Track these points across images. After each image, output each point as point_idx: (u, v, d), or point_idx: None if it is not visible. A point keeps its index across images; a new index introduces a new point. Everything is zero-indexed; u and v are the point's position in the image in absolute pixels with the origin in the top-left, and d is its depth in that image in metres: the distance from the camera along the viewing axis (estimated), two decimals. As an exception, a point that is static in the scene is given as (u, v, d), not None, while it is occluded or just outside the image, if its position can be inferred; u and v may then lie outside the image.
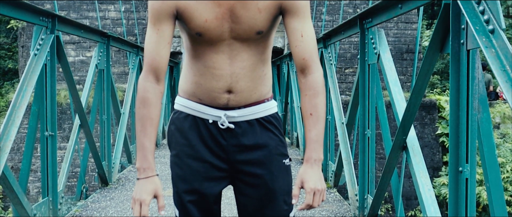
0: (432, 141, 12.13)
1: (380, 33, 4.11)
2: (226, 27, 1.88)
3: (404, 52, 11.85)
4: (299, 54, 1.94)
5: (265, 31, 1.93)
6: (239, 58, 1.93)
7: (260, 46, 1.96)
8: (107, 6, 11.55)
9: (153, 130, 1.91)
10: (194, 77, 1.98)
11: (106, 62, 6.08)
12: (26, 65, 3.86)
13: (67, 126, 11.39)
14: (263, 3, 1.88)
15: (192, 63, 1.99)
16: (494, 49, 2.15)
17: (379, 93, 4.24)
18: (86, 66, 11.55)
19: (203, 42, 1.92)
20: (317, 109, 1.93)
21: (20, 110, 3.63)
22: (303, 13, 1.94)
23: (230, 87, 1.95)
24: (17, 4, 3.60)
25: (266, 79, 2.04)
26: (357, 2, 11.82)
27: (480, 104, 2.53)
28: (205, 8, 1.86)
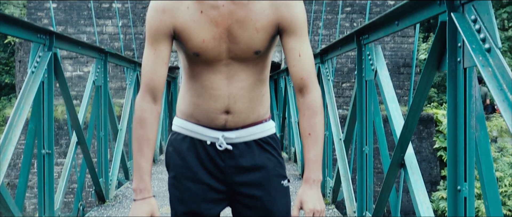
0: (430, 155, 12.12)
1: (377, 49, 4.11)
2: (223, 47, 1.88)
3: (401, 66, 11.87)
4: (297, 73, 1.93)
5: (263, 51, 1.93)
6: (236, 79, 1.93)
7: (258, 66, 1.96)
8: (104, 21, 11.58)
9: (149, 150, 1.91)
10: (192, 98, 1.98)
11: (104, 79, 6.08)
12: (24, 83, 3.86)
13: (64, 142, 11.37)
14: (260, 23, 1.87)
15: (190, 83, 1.98)
16: (490, 68, 2.15)
17: (377, 109, 4.24)
18: (84, 81, 11.55)
19: (200, 62, 1.92)
20: (315, 129, 1.93)
21: (17, 128, 3.62)
22: (301, 33, 1.94)
23: (228, 108, 1.94)
24: (14, 22, 3.60)
25: (264, 100, 2.03)
26: (353, 16, 11.87)
27: (477, 122, 2.53)
28: (203, 28, 1.86)
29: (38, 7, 11.53)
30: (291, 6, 1.91)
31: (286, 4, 1.90)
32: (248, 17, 1.86)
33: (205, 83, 1.93)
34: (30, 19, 11.49)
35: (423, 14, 2.95)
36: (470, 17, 2.35)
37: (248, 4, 1.86)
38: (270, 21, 1.88)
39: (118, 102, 11.32)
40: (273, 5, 1.88)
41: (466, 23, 2.36)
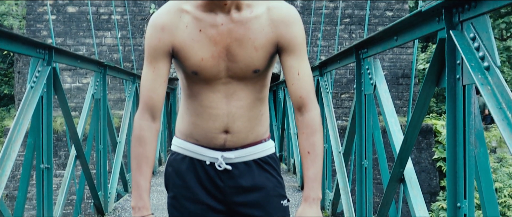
0: (429, 165, 12.12)
1: (376, 63, 4.12)
2: (222, 65, 1.88)
3: (400, 77, 11.89)
4: (296, 92, 1.93)
5: (262, 70, 1.93)
6: (235, 98, 1.92)
7: (257, 85, 1.96)
8: (103, 33, 11.60)
9: (148, 168, 1.91)
10: (191, 117, 1.98)
11: (103, 92, 6.08)
12: (23, 98, 3.86)
13: (63, 153, 11.35)
14: (259, 42, 1.87)
15: (189, 103, 1.98)
16: (489, 86, 2.15)
17: (376, 123, 4.24)
18: (83, 92, 11.55)
19: (199, 81, 1.92)
20: (314, 148, 1.92)
21: (16, 143, 3.62)
22: (300, 51, 1.93)
23: (227, 127, 1.94)
24: (13, 38, 3.61)
25: (263, 119, 2.03)
26: (352, 27, 11.89)
27: (477, 139, 2.53)
28: (201, 47, 1.86)
29: (37, 19, 11.54)
30: (290, 25, 1.91)
31: (285, 22, 1.90)
32: (246, 36, 1.86)
33: (204, 103, 1.93)
34: (29, 31, 11.51)
35: (422, 30, 2.96)
36: (468, 35, 2.36)
37: (247, 22, 1.86)
38: (269, 40, 1.88)
39: (117, 114, 11.31)
40: (272, 24, 1.88)
41: (465, 41, 2.36)
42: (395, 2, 11.90)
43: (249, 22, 1.87)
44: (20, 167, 10.87)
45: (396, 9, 11.89)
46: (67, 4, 11.54)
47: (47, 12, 7.67)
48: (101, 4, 11.57)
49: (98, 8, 11.56)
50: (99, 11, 11.58)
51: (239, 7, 1.86)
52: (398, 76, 11.90)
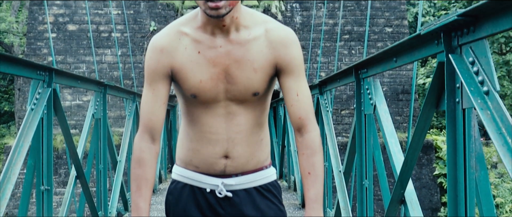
0: (430, 181, 12.09)
1: (376, 83, 4.12)
2: (221, 87, 1.88)
3: (400, 93, 11.90)
4: (295, 113, 1.94)
5: (261, 93, 1.93)
6: (235, 122, 1.92)
7: (256, 110, 1.96)
8: (104, 50, 11.63)
9: (148, 190, 1.91)
10: (191, 143, 1.97)
11: (103, 111, 6.08)
12: (23, 120, 3.86)
13: (63, 171, 11.34)
14: (258, 63, 1.88)
15: (189, 128, 1.98)
16: (489, 111, 2.15)
17: (376, 143, 4.24)
18: (83, 110, 11.56)
19: (198, 105, 1.92)
20: (315, 168, 1.92)
21: (16, 166, 3.62)
22: (298, 72, 1.94)
23: (226, 152, 1.93)
24: (14, 61, 3.61)
25: (264, 145, 2.03)
26: (352, 44, 11.92)
27: (477, 163, 2.52)
28: (200, 69, 1.87)
29: (38, 37, 11.58)
30: (288, 46, 1.92)
31: (283, 44, 1.91)
32: (245, 58, 1.87)
33: (203, 128, 1.93)
34: (29, 49, 11.53)
35: (421, 52, 2.97)
36: (468, 59, 2.36)
37: (245, 44, 1.87)
38: (267, 61, 1.89)
39: (118, 131, 11.31)
40: (270, 46, 1.89)
41: (464, 65, 2.37)
42: (394, 18, 11.94)
43: (248, 44, 1.88)
44: (20, 185, 10.85)
45: (395, 25, 11.93)
46: (68, 22, 11.58)
47: (47, 30, 7.71)
48: (101, 22, 11.61)
49: (98, 26, 11.60)
50: (99, 29, 11.62)
51: (238, 28, 1.88)
52: (398, 92, 11.91)
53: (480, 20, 2.21)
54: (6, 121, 22.62)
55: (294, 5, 11.88)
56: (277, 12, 11.70)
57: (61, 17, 11.60)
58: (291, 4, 11.87)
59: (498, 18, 2.07)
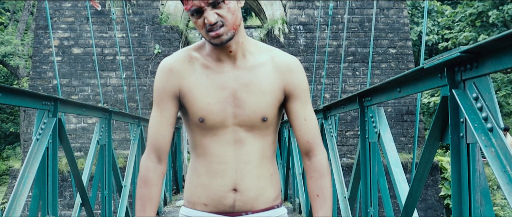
0: (436, 202, 12.04)
1: (380, 112, 4.13)
2: (229, 111, 1.88)
3: (404, 114, 11.90)
4: (303, 137, 1.97)
5: (270, 119, 1.93)
6: (244, 151, 1.91)
7: (265, 140, 1.95)
8: (108, 73, 11.68)
9: (152, 210, 1.92)
10: (199, 178, 1.94)
11: (108, 137, 6.10)
12: (28, 151, 3.88)
13: (67, 194, 11.34)
14: (266, 87, 1.91)
15: (197, 163, 1.96)
16: (493, 148, 2.15)
17: (381, 170, 4.23)
18: (88, 133, 11.58)
19: (206, 132, 1.91)
20: (323, 191, 1.95)
21: (22, 197, 3.62)
22: (305, 98, 1.98)
23: (235, 185, 1.91)
24: (19, 93, 3.64)
25: (274, 181, 2.00)
26: (356, 65, 11.94)
27: (482, 197, 2.52)
28: (208, 92, 1.89)
29: (43, 60, 11.64)
30: (295, 72, 1.96)
31: (290, 69, 1.96)
32: (253, 81, 1.90)
33: (212, 158, 1.91)
34: (35, 72, 11.59)
35: (425, 85, 2.97)
36: (471, 94, 2.37)
37: (252, 69, 1.91)
38: (275, 86, 1.92)
39: (122, 154, 11.32)
40: (276, 71, 1.94)
41: (467, 101, 2.37)
42: (398, 39, 11.97)
43: (255, 68, 1.92)
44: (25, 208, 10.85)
45: (399, 46, 11.96)
46: (73, 46, 11.65)
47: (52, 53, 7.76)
48: (106, 45, 11.68)
49: (103, 49, 11.67)
50: (104, 52, 11.68)
51: (244, 54, 1.92)
52: (402, 113, 11.91)
53: (483, 57, 2.22)
54: (12, 142, 22.69)
55: (297, 27, 11.93)
56: (280, 35, 11.75)
57: (66, 40, 11.67)
58: (295, 26, 11.91)
59: (501, 56, 2.08)
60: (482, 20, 15.78)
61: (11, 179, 11.69)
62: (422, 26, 18.26)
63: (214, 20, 1.79)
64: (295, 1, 12.02)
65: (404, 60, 11.95)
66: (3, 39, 16.85)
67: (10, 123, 21.75)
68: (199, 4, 1.80)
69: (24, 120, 14.18)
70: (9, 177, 12.00)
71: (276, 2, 12.26)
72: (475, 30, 15.88)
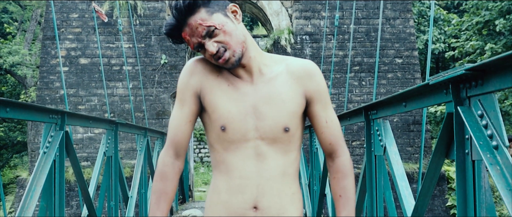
0: (443, 212, 11.99)
1: (386, 125, 4.13)
2: (250, 123, 1.88)
3: (411, 124, 11.88)
4: (326, 140, 1.99)
5: (292, 130, 1.92)
6: (265, 166, 1.89)
7: (288, 156, 1.93)
8: (115, 83, 11.72)
9: (166, 205, 1.94)
10: (220, 196, 1.92)
11: (114, 149, 6.12)
12: (35, 164, 3.90)
13: (74, 203, 11.36)
14: (286, 94, 1.91)
15: (218, 180, 1.94)
16: (499, 166, 2.16)
17: (387, 184, 4.24)
18: (94, 142, 11.61)
19: (228, 145, 1.90)
20: (345, 191, 1.96)
21: (29, 210, 3.65)
22: (325, 100, 2.00)
23: (256, 202, 1.88)
24: (26, 107, 3.66)
25: (296, 200, 1.96)
26: (362, 75, 11.94)
27: (487, 213, 2.52)
28: (229, 100, 1.90)
29: (50, 71, 11.70)
30: (312, 75, 1.97)
31: (307, 73, 1.96)
32: (272, 92, 1.91)
33: (233, 173, 1.89)
34: (42, 83, 11.64)
35: (430, 100, 2.98)
36: (476, 111, 2.37)
37: (270, 81, 1.92)
38: (295, 92, 1.93)
39: (129, 164, 11.35)
40: (294, 77, 1.95)
41: (472, 118, 2.38)
42: (404, 49, 11.97)
43: (272, 80, 1.93)
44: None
45: (405, 56, 11.95)
46: (80, 56, 11.71)
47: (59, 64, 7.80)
48: (112, 55, 11.73)
49: (109, 59, 11.72)
50: (111, 62, 11.73)
51: (259, 67, 1.94)
52: (409, 123, 11.89)
53: (488, 75, 2.22)
54: (19, 151, 22.77)
55: (303, 37, 11.95)
56: (286, 45, 11.77)
57: (73, 51, 11.73)
58: (301, 36, 11.94)
59: (506, 75, 2.08)
60: (489, 28, 15.75)
61: (18, 188, 11.73)
62: (428, 34, 18.34)
63: (214, 49, 1.83)
64: (301, 12, 12.05)
65: (411, 70, 11.94)
66: (11, 49, 16.96)
67: (18, 131, 21.83)
68: (197, 41, 1.86)
69: (31, 129, 14.24)
70: (17, 186, 12.03)
71: (282, 12, 12.30)
72: (482, 39, 15.84)
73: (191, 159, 13.09)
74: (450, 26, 19.26)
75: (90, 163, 11.56)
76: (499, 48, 14.72)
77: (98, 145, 11.36)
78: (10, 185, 20.04)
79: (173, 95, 11.93)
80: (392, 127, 11.41)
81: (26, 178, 11.70)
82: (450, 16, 20.65)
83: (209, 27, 1.83)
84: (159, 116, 11.76)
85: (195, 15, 1.84)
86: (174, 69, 11.83)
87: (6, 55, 16.68)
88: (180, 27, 1.87)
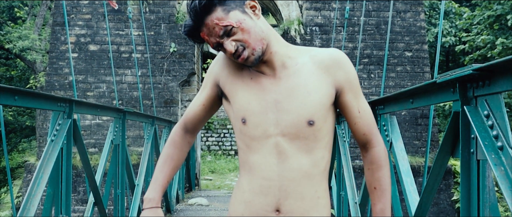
0: (448, 206, 11.99)
1: (392, 120, 4.14)
2: (271, 118, 1.80)
3: (419, 118, 11.85)
4: (359, 130, 1.91)
5: (318, 123, 1.81)
6: (288, 166, 1.79)
7: (313, 154, 1.82)
8: (124, 71, 11.74)
9: (170, 169, 1.99)
10: (243, 195, 1.85)
11: (122, 137, 6.15)
12: (43, 152, 3.93)
13: (81, 189, 11.43)
14: (311, 84, 1.82)
15: (243, 177, 1.88)
16: (503, 167, 2.16)
17: (392, 178, 4.24)
18: (102, 129, 11.66)
19: (250, 141, 1.83)
20: (380, 182, 1.90)
21: (36, 198, 3.68)
22: (356, 89, 1.90)
23: (278, 205, 1.79)
24: (35, 95, 3.69)
25: (321, 206, 1.84)
26: (371, 68, 11.91)
27: (491, 213, 2.52)
28: (249, 91, 1.85)
29: (60, 57, 11.73)
30: (341, 64, 1.87)
31: (337, 63, 1.87)
32: (296, 83, 1.82)
33: (256, 172, 1.81)
34: (51, 68, 11.69)
35: (437, 98, 2.98)
36: (483, 111, 2.37)
37: (294, 73, 1.85)
38: (323, 83, 1.83)
39: (136, 151, 11.39)
40: (321, 67, 1.85)
41: (479, 118, 2.38)
42: (414, 42, 11.93)
43: (297, 72, 1.84)
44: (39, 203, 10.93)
45: (415, 50, 11.91)
46: (89, 43, 11.73)
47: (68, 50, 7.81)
48: (122, 42, 11.75)
49: (119, 46, 11.73)
50: (120, 49, 11.75)
51: (282, 60, 1.86)
52: (417, 116, 11.87)
53: (496, 76, 2.22)
54: (28, 135, 22.88)
55: (313, 28, 11.93)
56: (296, 35, 11.75)
57: (83, 37, 11.75)
58: (311, 27, 11.91)
59: (513, 76, 2.08)
60: (501, 23, 15.65)
61: (26, 173, 11.81)
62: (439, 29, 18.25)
63: (233, 48, 1.78)
64: (312, 2, 12.02)
65: (420, 64, 11.90)
66: (21, 34, 17.00)
67: (27, 116, 21.93)
68: (215, 41, 1.81)
69: (40, 115, 14.31)
70: (24, 171, 12.11)
71: (292, 2, 12.27)
72: (493, 33, 15.76)
73: (198, 147, 13.12)
74: (461, 19, 19.15)
75: (97, 149, 11.62)
76: (510, 43, 14.64)
77: (106, 131, 11.41)
78: (18, 169, 20.16)
79: (182, 83, 11.95)
80: (400, 120, 11.40)
81: (33, 163, 11.78)
82: (462, 10, 20.53)
83: (226, 26, 1.78)
84: (167, 104, 11.79)
85: (212, 14, 1.78)
86: (183, 57, 11.84)
87: (16, 40, 16.73)
88: (198, 27, 1.82)
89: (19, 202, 13.18)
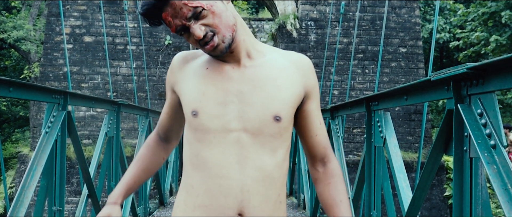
0: (440, 202, 12.06)
1: (386, 117, 4.15)
2: (233, 110, 1.62)
3: (412, 113, 11.89)
4: (320, 143, 1.78)
5: (284, 122, 1.64)
6: (250, 164, 1.60)
7: (276, 155, 1.65)
8: (119, 63, 11.73)
9: (139, 170, 1.88)
10: (197, 199, 1.64)
11: (116, 130, 6.15)
12: (37, 143, 3.93)
13: (75, 180, 11.43)
14: (283, 80, 1.66)
15: (192, 177, 1.67)
16: (495, 165, 2.18)
17: (385, 174, 4.26)
18: (96, 121, 11.66)
19: (203, 135, 1.63)
20: (345, 195, 1.77)
21: (30, 190, 3.68)
22: (318, 99, 1.79)
23: (241, 208, 1.60)
24: (29, 87, 3.68)
25: (281, 210, 1.70)
26: (365, 63, 11.94)
27: (483, 210, 2.54)
28: (205, 81, 1.66)
29: (54, 48, 11.70)
30: (312, 72, 1.76)
31: (309, 67, 1.76)
32: (265, 75, 1.67)
33: (212, 171, 1.61)
34: (46, 59, 11.66)
35: (431, 95, 3.00)
36: (476, 110, 2.39)
37: (263, 64, 1.69)
38: (295, 82, 1.69)
39: (130, 143, 11.39)
40: (295, 67, 1.72)
41: (472, 116, 2.39)
42: (409, 38, 11.95)
43: (265, 63, 1.69)
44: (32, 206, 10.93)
45: (409, 46, 11.94)
46: (84, 34, 11.71)
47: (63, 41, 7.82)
48: (117, 34, 11.72)
49: (114, 38, 11.71)
50: (115, 41, 11.73)
51: (250, 53, 1.70)
52: (410, 112, 11.91)
53: (489, 75, 2.23)
54: (21, 126, 22.82)
55: (308, 23, 11.93)
56: (292, 29, 11.75)
57: (78, 28, 11.73)
58: (306, 22, 11.91)
59: (506, 76, 2.09)
60: (495, 20, 15.70)
61: (20, 163, 11.79)
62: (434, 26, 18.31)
63: (202, 33, 1.57)
64: (307, -3, 12.02)
65: (414, 60, 11.93)
66: (16, 24, 16.94)
67: (20, 106, 21.87)
68: (180, 23, 1.59)
69: (33, 105, 14.28)
70: (18, 162, 12.10)
71: (288, -4, 12.27)
72: (487, 30, 15.81)
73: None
74: (456, 16, 19.20)
75: (91, 141, 11.61)
76: (504, 40, 14.69)
77: (100, 123, 11.41)
78: (12, 159, 20.13)
79: (176, 76, 11.94)
80: (393, 116, 11.44)
81: (27, 153, 11.76)
82: (457, 6, 20.58)
83: (196, 8, 1.56)
84: (162, 97, 11.78)
85: None
86: (178, 50, 11.83)
87: (11, 30, 16.66)
88: (161, 6, 1.57)
89: (13, 192, 13.17)
